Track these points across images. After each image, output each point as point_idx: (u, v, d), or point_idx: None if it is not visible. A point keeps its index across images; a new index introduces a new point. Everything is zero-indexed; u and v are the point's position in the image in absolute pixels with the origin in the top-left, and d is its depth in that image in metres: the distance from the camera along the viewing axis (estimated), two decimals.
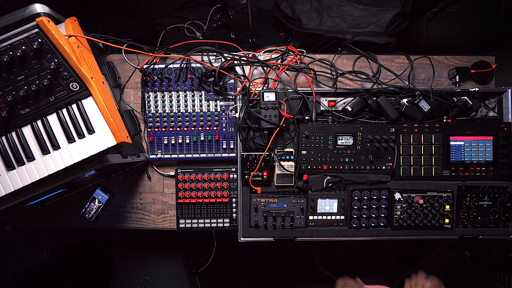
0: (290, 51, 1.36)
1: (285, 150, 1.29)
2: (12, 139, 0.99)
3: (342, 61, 1.41)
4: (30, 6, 0.92)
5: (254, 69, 1.37)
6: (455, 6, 2.32)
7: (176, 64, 1.31)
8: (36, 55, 0.92)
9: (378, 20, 1.59)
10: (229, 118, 1.33)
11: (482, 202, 1.28)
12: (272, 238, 1.30)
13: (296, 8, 1.68)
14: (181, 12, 2.42)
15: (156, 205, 1.40)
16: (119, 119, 1.09)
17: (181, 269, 1.61)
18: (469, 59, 1.40)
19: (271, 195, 1.29)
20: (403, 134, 1.27)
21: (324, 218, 1.29)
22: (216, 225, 1.35)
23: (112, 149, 1.01)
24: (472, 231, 1.30)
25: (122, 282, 1.59)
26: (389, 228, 1.30)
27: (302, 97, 1.28)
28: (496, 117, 1.33)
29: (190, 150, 1.34)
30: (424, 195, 1.28)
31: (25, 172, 0.98)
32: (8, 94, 0.94)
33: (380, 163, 1.28)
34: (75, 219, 1.38)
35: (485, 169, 1.28)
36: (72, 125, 1.00)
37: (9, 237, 1.53)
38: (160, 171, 1.39)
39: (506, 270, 1.63)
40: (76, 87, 0.98)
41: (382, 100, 1.26)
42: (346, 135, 1.27)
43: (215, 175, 1.34)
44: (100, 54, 1.24)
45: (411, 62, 1.37)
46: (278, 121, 1.24)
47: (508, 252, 1.62)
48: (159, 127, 1.33)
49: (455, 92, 1.29)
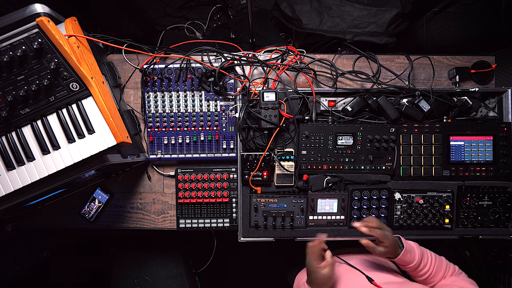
0: (290, 51, 1.36)
1: (285, 150, 1.29)
2: (12, 139, 0.99)
3: (342, 61, 1.41)
4: (30, 6, 0.92)
5: (254, 69, 1.37)
6: (455, 6, 2.32)
7: (176, 64, 1.31)
8: (36, 55, 0.92)
9: (378, 20, 1.59)
10: (229, 118, 1.33)
11: (482, 202, 1.28)
12: (272, 238, 1.30)
13: (296, 8, 1.68)
14: (181, 12, 2.43)
15: (156, 205, 1.40)
16: (119, 119, 1.09)
17: (181, 269, 1.61)
18: (469, 59, 1.40)
19: (271, 195, 1.29)
20: (403, 134, 1.27)
21: (324, 218, 1.29)
22: (216, 225, 1.35)
23: (112, 149, 1.01)
24: (472, 231, 1.30)
25: (122, 282, 1.59)
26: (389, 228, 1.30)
27: (302, 97, 1.28)
28: (496, 117, 1.33)
29: (190, 150, 1.34)
30: (424, 195, 1.28)
31: (25, 172, 0.98)
32: (8, 94, 0.94)
33: (380, 163, 1.28)
34: (75, 219, 1.38)
35: (485, 169, 1.28)
36: (72, 125, 1.00)
37: (9, 237, 1.53)
38: (160, 171, 1.39)
39: (506, 270, 1.63)
40: (76, 87, 0.98)
41: (382, 100, 1.26)
42: (346, 135, 1.27)
43: (215, 175, 1.34)
44: (100, 54, 1.24)
45: (411, 62, 1.37)
46: (278, 121, 1.24)
47: (508, 252, 1.62)
48: (159, 127, 1.33)
49: (455, 92, 1.29)
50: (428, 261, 1.01)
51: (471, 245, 1.76)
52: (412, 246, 1.03)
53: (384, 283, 0.96)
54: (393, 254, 1.00)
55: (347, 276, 1.05)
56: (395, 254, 1.00)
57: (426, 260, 1.01)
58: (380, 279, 0.98)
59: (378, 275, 1.01)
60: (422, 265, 1.00)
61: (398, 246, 1.01)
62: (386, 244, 0.98)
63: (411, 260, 0.99)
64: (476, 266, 1.72)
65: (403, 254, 0.99)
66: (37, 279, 1.68)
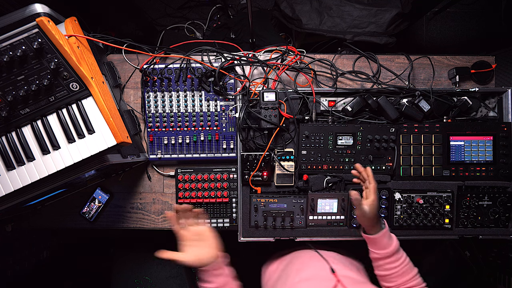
0: (290, 51, 1.36)
1: (285, 150, 1.29)
2: (12, 139, 0.99)
3: (342, 61, 1.41)
4: (30, 6, 0.92)
5: (254, 69, 1.37)
6: (455, 6, 2.33)
7: (176, 64, 1.31)
8: (36, 55, 0.92)
9: (378, 20, 1.59)
10: (229, 118, 1.33)
11: (482, 202, 1.28)
12: (272, 238, 1.30)
13: (296, 8, 1.68)
14: (181, 12, 2.43)
15: (156, 205, 1.39)
16: (119, 119, 1.09)
17: (181, 269, 1.61)
18: (469, 59, 1.40)
19: (271, 195, 1.29)
20: (403, 134, 1.27)
21: (324, 218, 1.29)
22: (216, 225, 1.35)
23: (112, 149, 1.01)
24: (472, 231, 1.30)
25: (122, 282, 1.59)
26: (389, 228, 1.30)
27: (302, 97, 1.28)
28: (496, 117, 1.33)
29: (190, 150, 1.34)
30: (424, 195, 1.28)
31: (25, 172, 0.98)
32: (8, 94, 0.94)
33: (380, 163, 1.28)
34: (75, 219, 1.38)
35: (485, 169, 1.28)
36: (72, 125, 1.00)
37: (9, 237, 1.53)
38: (160, 171, 1.39)
39: (506, 270, 1.63)
40: (76, 87, 0.98)
41: (382, 100, 1.26)
42: (346, 135, 1.27)
43: (215, 175, 1.34)
44: (100, 54, 1.24)
45: (411, 62, 1.37)
46: (278, 121, 1.24)
47: (508, 252, 1.62)
48: (159, 127, 1.33)
49: (455, 92, 1.29)
50: (401, 258, 0.98)
51: (471, 245, 1.76)
52: (393, 236, 1.02)
53: (344, 276, 0.97)
54: (371, 227, 1.00)
55: (314, 263, 1.08)
56: (373, 227, 1.00)
57: (400, 256, 0.99)
58: (344, 273, 0.99)
59: (343, 270, 1.02)
60: (394, 258, 0.98)
61: (380, 222, 1.01)
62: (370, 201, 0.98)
63: (385, 246, 0.98)
64: (476, 266, 1.72)
65: (383, 234, 0.98)
66: (37, 279, 1.68)
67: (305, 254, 1.19)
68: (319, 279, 0.97)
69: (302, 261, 1.14)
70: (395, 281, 0.98)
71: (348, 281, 0.94)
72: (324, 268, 1.02)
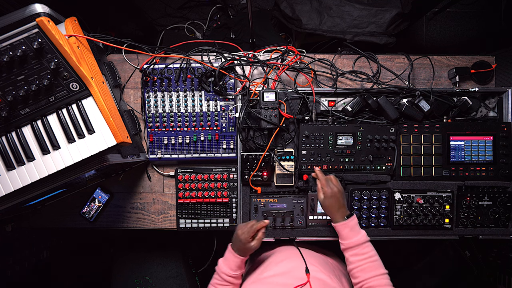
0: (290, 51, 1.36)
1: (285, 150, 1.29)
2: (12, 139, 0.99)
3: (342, 61, 1.41)
4: (30, 6, 0.92)
5: (254, 69, 1.37)
6: (455, 6, 2.32)
7: (176, 64, 1.31)
8: (36, 55, 0.92)
9: (378, 20, 1.59)
10: (229, 118, 1.33)
11: (482, 202, 1.28)
12: (272, 238, 1.30)
13: (296, 8, 1.68)
14: (181, 12, 2.43)
15: (156, 205, 1.40)
16: (119, 119, 1.09)
17: (181, 269, 1.61)
18: (469, 59, 1.40)
19: (271, 195, 1.29)
20: (403, 134, 1.28)
21: (324, 218, 1.29)
22: (216, 225, 1.35)
23: (112, 149, 1.01)
24: (472, 231, 1.30)
25: (122, 282, 1.59)
26: (389, 228, 1.30)
27: (302, 97, 1.28)
28: (496, 117, 1.33)
29: (190, 150, 1.34)
30: (424, 195, 1.28)
31: (25, 172, 0.98)
32: (8, 94, 0.94)
33: (380, 163, 1.28)
34: (75, 219, 1.38)
35: (485, 169, 1.28)
36: (72, 125, 1.00)
37: (9, 237, 1.53)
38: (160, 171, 1.39)
39: (506, 270, 1.63)
40: (76, 87, 0.98)
41: (382, 100, 1.26)
42: (346, 135, 1.27)
43: (215, 175, 1.34)
44: (100, 54, 1.24)
45: (411, 62, 1.37)
46: (278, 121, 1.24)
47: (508, 252, 1.62)
48: (159, 127, 1.33)
49: (455, 92, 1.29)
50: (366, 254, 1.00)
51: (471, 245, 1.76)
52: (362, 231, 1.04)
53: (316, 278, 0.97)
54: (332, 216, 1.08)
55: (291, 259, 1.09)
56: (334, 217, 1.08)
57: (365, 252, 1.00)
58: (317, 275, 0.99)
59: (318, 272, 1.01)
60: (358, 251, 1.00)
61: (344, 214, 1.06)
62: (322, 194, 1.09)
63: (347, 236, 1.03)
64: (476, 266, 1.72)
65: (343, 224, 1.05)
66: (37, 279, 1.68)
67: (288, 250, 1.19)
68: (291, 277, 0.98)
69: (283, 256, 1.15)
70: (358, 276, 0.98)
71: (318, 283, 0.94)
72: (300, 267, 1.03)
